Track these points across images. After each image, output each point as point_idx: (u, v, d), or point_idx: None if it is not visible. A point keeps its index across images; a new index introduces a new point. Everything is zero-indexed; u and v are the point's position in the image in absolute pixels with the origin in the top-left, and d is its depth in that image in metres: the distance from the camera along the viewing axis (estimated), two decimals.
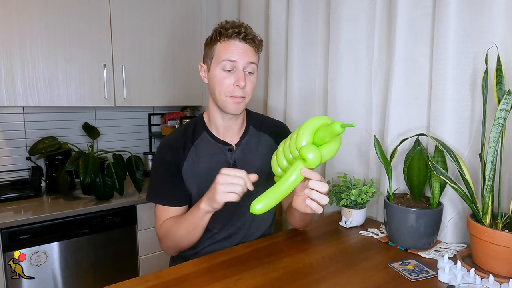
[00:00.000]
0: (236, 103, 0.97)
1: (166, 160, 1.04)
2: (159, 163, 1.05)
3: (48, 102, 1.69)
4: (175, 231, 0.98)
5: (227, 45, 0.95)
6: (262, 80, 1.81)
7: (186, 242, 0.99)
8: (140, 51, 1.93)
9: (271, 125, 1.16)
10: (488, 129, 0.90)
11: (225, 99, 0.97)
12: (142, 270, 1.78)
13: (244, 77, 0.96)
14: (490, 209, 0.87)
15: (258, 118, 1.15)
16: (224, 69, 0.95)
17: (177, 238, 0.98)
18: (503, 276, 0.82)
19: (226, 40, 0.95)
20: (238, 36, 0.95)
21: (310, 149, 0.75)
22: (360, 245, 1.05)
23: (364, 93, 1.33)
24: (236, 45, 0.95)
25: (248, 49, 0.96)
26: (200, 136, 1.06)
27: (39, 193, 1.79)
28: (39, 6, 1.63)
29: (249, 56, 0.96)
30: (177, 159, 1.03)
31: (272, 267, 0.90)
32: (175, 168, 1.03)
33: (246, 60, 0.95)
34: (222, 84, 0.96)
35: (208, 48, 1.00)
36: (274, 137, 1.12)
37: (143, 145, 2.33)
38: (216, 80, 0.97)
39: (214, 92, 1.00)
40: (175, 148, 1.04)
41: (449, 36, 1.02)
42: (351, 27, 1.32)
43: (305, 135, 0.79)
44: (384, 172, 1.18)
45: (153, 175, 1.07)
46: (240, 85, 0.95)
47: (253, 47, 0.98)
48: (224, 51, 0.95)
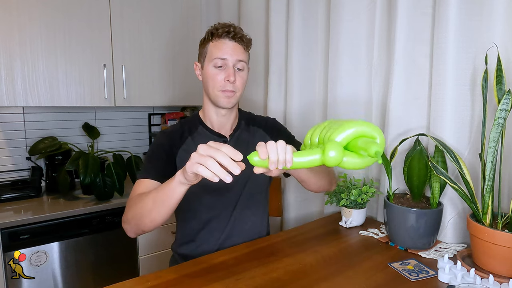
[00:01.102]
0: (227, 97, 1.04)
1: (161, 144, 1.06)
2: (152, 149, 1.07)
3: (48, 102, 1.69)
4: (142, 199, 0.88)
5: (218, 44, 1.03)
6: (262, 80, 1.81)
7: (149, 215, 0.87)
8: (140, 51, 1.93)
9: (261, 119, 1.23)
10: (488, 129, 0.90)
11: (217, 93, 1.04)
12: (142, 270, 1.78)
13: (234, 73, 1.03)
14: (490, 209, 0.87)
15: (248, 115, 1.23)
16: (216, 66, 1.03)
17: (141, 208, 0.88)
18: (503, 276, 0.82)
19: (217, 40, 1.03)
20: (228, 35, 1.02)
21: (334, 148, 0.67)
22: (360, 245, 1.05)
23: (364, 93, 1.33)
24: (226, 43, 1.03)
25: (237, 47, 1.03)
26: (197, 130, 1.12)
27: (39, 193, 1.78)
28: (39, 6, 1.63)
29: (238, 54, 1.03)
30: (172, 145, 1.07)
31: (272, 267, 0.90)
32: (169, 152, 1.05)
33: (235, 58, 1.03)
34: (214, 80, 1.03)
35: (202, 48, 1.08)
36: (263, 128, 1.20)
37: (143, 145, 2.33)
38: (209, 76, 1.04)
39: (207, 88, 1.07)
40: (172, 136, 1.09)
41: (449, 36, 1.02)
42: (351, 27, 1.32)
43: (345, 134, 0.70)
44: (384, 172, 1.18)
45: (144, 160, 1.08)
46: (230, 80, 1.02)
47: (242, 45, 1.05)
48: (215, 50, 1.03)
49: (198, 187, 0.85)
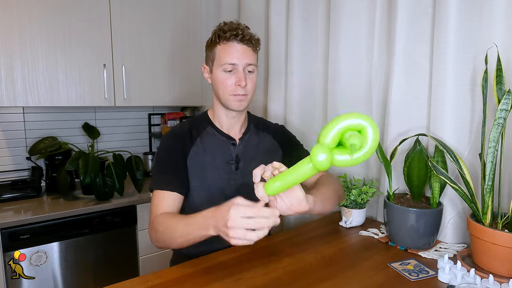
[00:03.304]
0: (239, 100, 1.02)
1: (172, 148, 1.05)
2: (163, 152, 1.05)
3: (48, 102, 1.69)
4: (170, 229, 0.91)
5: (226, 47, 1.00)
6: (262, 81, 1.81)
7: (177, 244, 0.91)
8: (140, 51, 1.93)
9: (270, 124, 1.22)
10: (488, 129, 0.90)
11: (228, 97, 1.02)
12: (142, 270, 1.78)
13: (245, 76, 1.01)
14: (490, 209, 0.87)
15: (258, 119, 1.21)
16: (225, 71, 1.01)
17: (169, 238, 0.91)
18: (503, 276, 0.82)
19: (225, 43, 1.00)
20: (236, 38, 0.99)
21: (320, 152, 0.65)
22: (360, 245, 1.05)
23: (364, 93, 1.33)
24: (235, 47, 1.00)
25: (246, 50, 1.01)
26: (205, 129, 1.10)
27: (39, 193, 1.78)
28: (39, 6, 1.63)
29: (248, 57, 1.01)
30: (183, 147, 1.05)
31: (272, 267, 0.90)
32: (181, 156, 1.04)
33: (245, 62, 1.01)
34: (224, 85, 1.01)
35: (209, 51, 1.05)
36: (273, 134, 1.18)
37: (143, 145, 2.33)
38: (219, 81, 1.02)
39: (218, 92, 1.05)
40: (182, 137, 1.07)
41: (449, 36, 1.02)
42: (351, 27, 1.32)
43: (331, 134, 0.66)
44: (384, 172, 1.18)
45: (156, 165, 1.05)
46: (241, 85, 1.00)
47: (251, 47, 1.02)
48: (224, 54, 1.00)
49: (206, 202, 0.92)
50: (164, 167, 1.03)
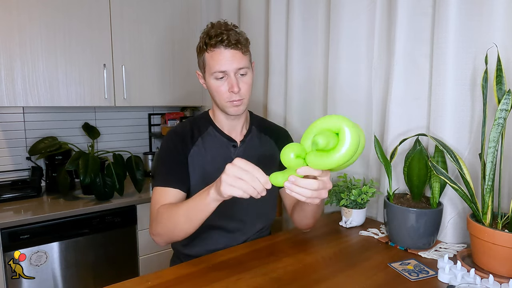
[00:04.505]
0: (235, 106, 1.01)
1: (173, 147, 1.05)
2: (165, 150, 1.06)
3: (48, 102, 1.69)
4: (172, 215, 0.90)
5: (214, 55, 0.97)
6: (262, 81, 1.81)
7: (182, 228, 0.90)
8: (140, 51, 1.93)
9: (273, 128, 1.20)
10: (488, 129, 0.90)
11: (225, 104, 1.01)
12: (142, 270, 1.78)
13: (237, 82, 0.98)
14: (490, 209, 0.87)
15: (261, 121, 1.20)
16: (217, 78, 0.98)
17: (173, 223, 0.90)
18: (503, 276, 0.82)
19: (212, 50, 0.96)
20: (222, 43, 0.95)
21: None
22: (360, 245, 1.05)
23: (364, 93, 1.33)
24: (223, 53, 0.96)
25: (234, 54, 0.96)
26: (206, 130, 1.10)
27: (39, 193, 1.78)
28: (39, 6, 1.63)
29: (237, 62, 0.97)
30: (184, 147, 1.05)
31: (272, 267, 0.90)
32: (182, 155, 1.04)
33: (235, 67, 0.97)
34: (219, 92, 1.00)
35: (199, 57, 1.03)
36: (275, 139, 1.17)
37: (143, 145, 2.33)
38: (213, 89, 1.01)
39: (214, 99, 1.05)
40: (183, 137, 1.06)
41: (449, 36, 1.02)
42: (351, 27, 1.32)
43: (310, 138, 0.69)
44: (384, 172, 1.18)
45: (157, 163, 1.06)
46: (235, 91, 0.97)
47: (239, 50, 0.97)
48: (212, 62, 0.97)
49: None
50: (165, 165, 1.03)
